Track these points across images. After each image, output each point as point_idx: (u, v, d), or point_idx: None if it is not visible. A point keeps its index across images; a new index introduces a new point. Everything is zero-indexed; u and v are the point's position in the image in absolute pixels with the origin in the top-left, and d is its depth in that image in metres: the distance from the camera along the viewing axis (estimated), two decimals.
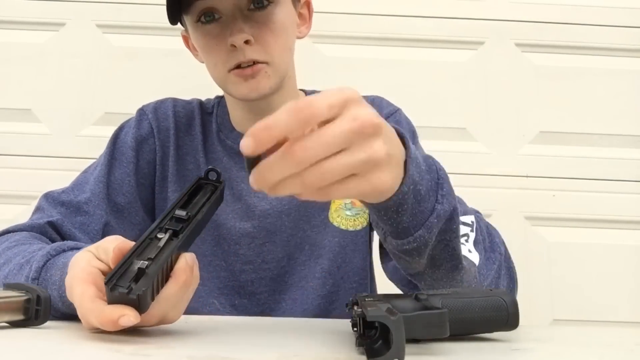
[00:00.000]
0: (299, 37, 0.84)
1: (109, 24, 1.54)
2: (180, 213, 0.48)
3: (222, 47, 0.74)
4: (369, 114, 0.38)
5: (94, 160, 0.86)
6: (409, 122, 0.89)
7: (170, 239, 0.46)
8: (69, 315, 0.53)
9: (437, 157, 0.92)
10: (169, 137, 0.85)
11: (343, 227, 0.82)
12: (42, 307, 0.49)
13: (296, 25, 0.83)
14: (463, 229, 0.59)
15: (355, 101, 0.38)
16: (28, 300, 0.49)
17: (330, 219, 0.83)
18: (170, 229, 0.47)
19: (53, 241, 0.72)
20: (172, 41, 1.53)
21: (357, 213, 0.83)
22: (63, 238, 0.75)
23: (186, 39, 0.86)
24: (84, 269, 0.48)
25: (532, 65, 1.55)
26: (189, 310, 0.79)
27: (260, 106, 0.80)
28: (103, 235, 0.75)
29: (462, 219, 0.59)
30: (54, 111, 1.49)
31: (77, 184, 0.82)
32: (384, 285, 0.79)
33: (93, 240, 0.68)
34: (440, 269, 0.54)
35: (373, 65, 1.53)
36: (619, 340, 0.54)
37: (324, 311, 0.80)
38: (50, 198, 0.79)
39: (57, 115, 1.49)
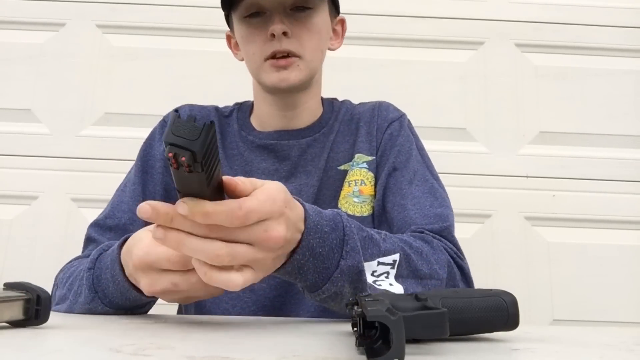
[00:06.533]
0: (330, 49, 0.92)
1: (109, 24, 1.54)
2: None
3: (262, 37, 0.82)
4: (279, 234, 0.47)
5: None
6: (411, 128, 0.93)
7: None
8: (118, 304, 0.62)
9: (437, 157, 0.93)
10: None
11: (350, 212, 0.85)
12: (42, 307, 0.49)
13: (329, 36, 0.91)
14: (383, 268, 0.64)
15: (275, 217, 0.47)
16: (28, 300, 0.49)
17: (339, 206, 0.86)
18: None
19: None
20: (172, 41, 1.54)
21: (363, 200, 0.86)
22: None
23: (229, 38, 0.95)
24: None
25: (532, 65, 1.55)
26: (203, 304, 0.81)
27: (287, 102, 0.88)
28: None
29: (383, 259, 0.64)
30: (54, 111, 1.49)
31: (115, 206, 0.86)
32: None
33: None
34: None
35: (373, 65, 1.53)
36: (619, 340, 0.54)
37: None
38: (96, 227, 0.84)
39: (57, 115, 1.49)
